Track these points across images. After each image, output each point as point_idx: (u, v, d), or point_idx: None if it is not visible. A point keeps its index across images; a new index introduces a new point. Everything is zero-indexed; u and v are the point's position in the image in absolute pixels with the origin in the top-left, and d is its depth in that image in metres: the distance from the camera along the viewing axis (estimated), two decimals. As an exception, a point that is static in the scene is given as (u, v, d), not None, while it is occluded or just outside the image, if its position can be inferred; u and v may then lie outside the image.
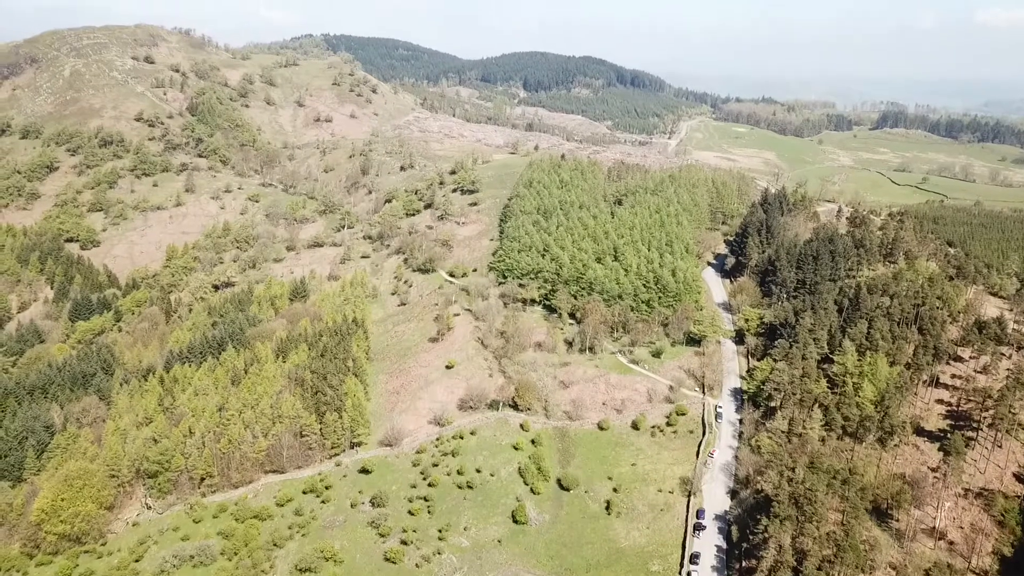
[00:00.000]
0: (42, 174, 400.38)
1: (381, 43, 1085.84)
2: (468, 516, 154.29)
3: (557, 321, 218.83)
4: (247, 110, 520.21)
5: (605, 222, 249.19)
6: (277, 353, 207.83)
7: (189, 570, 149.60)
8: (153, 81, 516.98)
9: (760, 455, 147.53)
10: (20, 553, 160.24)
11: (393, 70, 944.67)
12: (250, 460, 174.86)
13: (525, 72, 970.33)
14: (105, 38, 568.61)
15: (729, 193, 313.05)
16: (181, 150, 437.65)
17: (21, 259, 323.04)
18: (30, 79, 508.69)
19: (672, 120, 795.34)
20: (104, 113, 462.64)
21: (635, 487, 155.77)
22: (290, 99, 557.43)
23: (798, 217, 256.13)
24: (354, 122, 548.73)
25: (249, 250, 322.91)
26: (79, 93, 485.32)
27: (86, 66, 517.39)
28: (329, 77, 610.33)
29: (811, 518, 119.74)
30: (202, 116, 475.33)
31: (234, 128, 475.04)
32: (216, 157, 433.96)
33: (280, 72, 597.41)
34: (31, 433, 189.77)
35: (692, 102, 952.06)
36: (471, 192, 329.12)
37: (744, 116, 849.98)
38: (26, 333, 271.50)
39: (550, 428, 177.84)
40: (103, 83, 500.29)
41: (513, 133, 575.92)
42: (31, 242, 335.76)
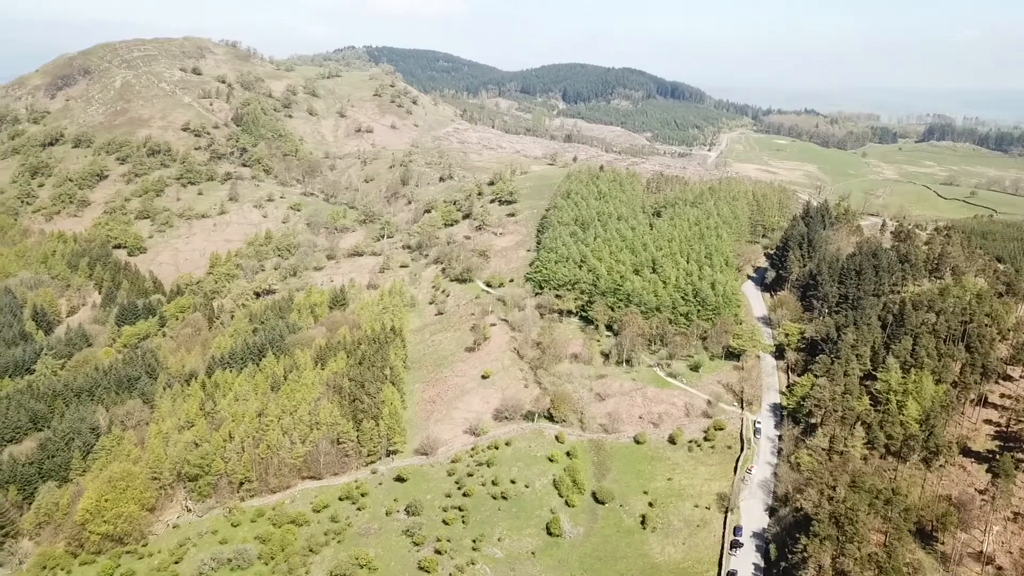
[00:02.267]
0: (93, 182, 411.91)
1: (422, 55, 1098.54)
2: (502, 527, 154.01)
3: (594, 333, 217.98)
4: (290, 120, 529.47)
5: (643, 234, 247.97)
6: (316, 360, 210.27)
7: (227, 573, 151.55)
8: (200, 92, 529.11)
9: (800, 472, 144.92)
10: (65, 552, 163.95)
11: (433, 82, 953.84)
12: (288, 466, 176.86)
13: (564, 83, 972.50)
14: (155, 50, 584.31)
15: (770, 206, 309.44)
16: (226, 159, 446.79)
17: (71, 265, 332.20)
18: (83, 90, 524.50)
19: (712, 132, 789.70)
20: (152, 123, 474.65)
21: (671, 502, 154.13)
22: (332, 110, 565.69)
23: (841, 231, 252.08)
24: (394, 133, 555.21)
25: (290, 258, 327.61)
26: (129, 104, 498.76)
27: (136, 77, 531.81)
28: (370, 88, 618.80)
29: (852, 538, 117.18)
30: (246, 126, 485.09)
31: (277, 138, 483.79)
32: (259, 166, 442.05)
33: (323, 83, 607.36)
34: (78, 434, 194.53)
35: (733, 114, 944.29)
36: (509, 203, 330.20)
37: (786, 128, 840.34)
38: (74, 337, 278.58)
39: (585, 440, 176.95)
40: (152, 94, 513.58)
41: (551, 144, 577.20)
42: (81, 248, 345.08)
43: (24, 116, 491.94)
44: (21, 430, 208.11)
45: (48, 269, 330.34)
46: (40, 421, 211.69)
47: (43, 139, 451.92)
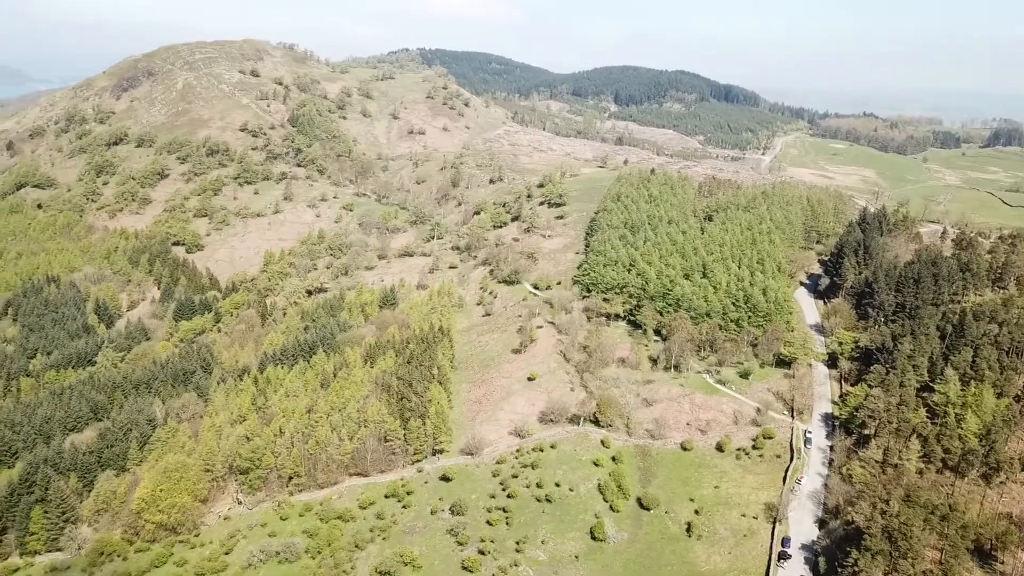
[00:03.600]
0: (154, 181, 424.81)
1: (474, 57, 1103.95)
2: (546, 530, 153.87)
3: (642, 337, 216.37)
4: (344, 122, 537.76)
5: (694, 238, 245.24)
6: (365, 358, 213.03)
7: (275, 566, 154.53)
8: (258, 93, 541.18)
9: (852, 484, 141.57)
10: (121, 539, 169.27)
11: (485, 84, 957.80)
12: (336, 462, 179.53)
13: (616, 86, 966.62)
14: (215, 52, 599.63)
15: (825, 211, 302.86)
16: (281, 159, 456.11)
17: (132, 260, 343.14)
18: (146, 91, 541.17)
19: (766, 136, 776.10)
20: (212, 124, 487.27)
21: (717, 510, 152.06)
22: (385, 112, 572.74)
23: (898, 238, 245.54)
24: (446, 135, 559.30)
25: (342, 257, 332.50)
26: (190, 104, 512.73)
27: (197, 79, 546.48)
28: (423, 90, 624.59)
29: (906, 554, 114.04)
30: (302, 127, 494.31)
31: (331, 139, 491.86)
32: (314, 167, 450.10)
33: (376, 85, 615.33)
34: (135, 426, 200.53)
35: (788, 117, 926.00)
36: (558, 205, 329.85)
37: (843, 132, 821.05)
38: (134, 331, 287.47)
39: (631, 446, 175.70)
40: (212, 95, 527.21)
41: (602, 147, 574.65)
42: (142, 245, 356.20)
43: (91, 116, 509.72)
44: (83, 420, 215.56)
45: (111, 265, 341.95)
46: (100, 412, 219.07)
47: (108, 139, 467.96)
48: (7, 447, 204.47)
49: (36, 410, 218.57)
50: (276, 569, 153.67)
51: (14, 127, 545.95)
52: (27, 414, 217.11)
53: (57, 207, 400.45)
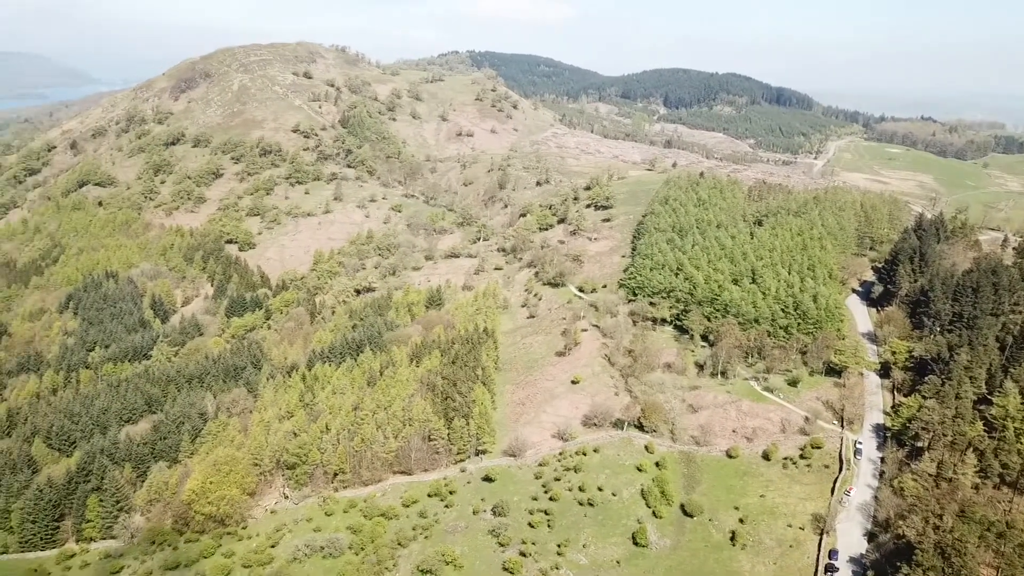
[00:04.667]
0: (209, 180, 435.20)
1: (523, 60, 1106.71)
2: (588, 534, 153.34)
3: (688, 343, 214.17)
4: (394, 123, 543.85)
5: (743, 243, 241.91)
6: (411, 358, 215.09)
7: (319, 560, 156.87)
8: (310, 95, 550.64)
9: (903, 498, 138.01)
10: (172, 529, 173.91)
11: (534, 86, 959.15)
12: (380, 460, 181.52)
13: (666, 89, 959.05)
14: (270, 55, 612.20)
15: (879, 217, 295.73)
16: (332, 160, 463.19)
17: (187, 258, 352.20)
18: (203, 92, 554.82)
19: (819, 139, 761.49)
20: (265, 125, 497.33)
21: (763, 520, 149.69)
22: (434, 113, 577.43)
23: (956, 245, 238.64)
24: (494, 137, 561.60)
25: (390, 258, 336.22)
26: (244, 106, 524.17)
27: (252, 81, 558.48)
28: (472, 93, 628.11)
29: (959, 572, 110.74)
30: (352, 128, 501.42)
31: (381, 140, 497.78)
32: (363, 168, 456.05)
33: (426, 87, 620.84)
34: (187, 419, 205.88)
35: (842, 121, 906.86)
36: (605, 208, 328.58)
37: (899, 136, 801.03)
38: (188, 326, 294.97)
39: (676, 452, 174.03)
40: (266, 97, 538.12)
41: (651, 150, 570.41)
42: (196, 242, 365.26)
43: (150, 117, 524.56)
44: (137, 412, 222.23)
45: (166, 261, 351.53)
46: (154, 404, 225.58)
47: (166, 139, 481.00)
48: (66, 436, 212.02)
49: (94, 401, 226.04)
50: (320, 564, 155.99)
51: (77, 127, 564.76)
52: (85, 405, 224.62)
53: (117, 205, 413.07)
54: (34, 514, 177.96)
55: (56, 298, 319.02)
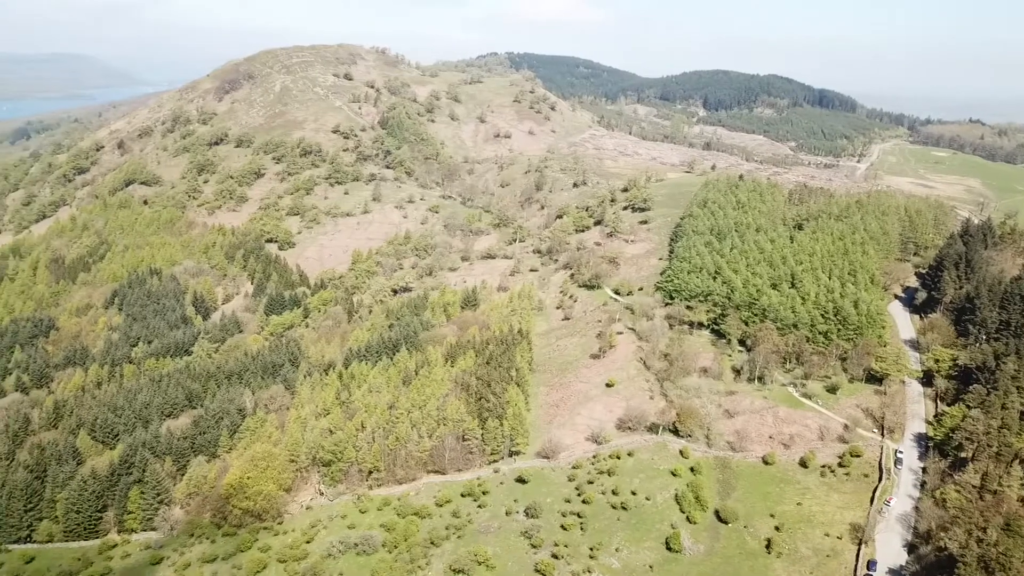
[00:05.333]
0: (251, 180, 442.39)
1: (562, 61, 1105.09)
2: (620, 537, 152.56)
3: (725, 347, 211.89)
4: (432, 125, 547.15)
5: (783, 247, 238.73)
6: (446, 357, 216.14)
7: (353, 557, 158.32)
8: (350, 96, 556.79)
9: (945, 509, 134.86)
10: (210, 522, 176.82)
11: (572, 88, 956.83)
12: (414, 459, 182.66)
13: (705, 91, 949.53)
14: (311, 57, 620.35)
15: (923, 222, 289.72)
16: (371, 161, 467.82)
17: (228, 256, 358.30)
18: (246, 93, 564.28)
19: (863, 142, 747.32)
20: (306, 125, 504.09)
21: (799, 528, 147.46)
22: (472, 115, 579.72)
23: (1005, 251, 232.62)
24: (532, 138, 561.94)
25: (427, 258, 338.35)
26: (286, 107, 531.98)
27: (293, 82, 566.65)
28: (510, 94, 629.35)
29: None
30: (391, 130, 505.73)
31: (419, 142, 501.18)
32: (402, 169, 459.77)
33: (464, 89, 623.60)
34: (226, 414, 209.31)
35: (886, 123, 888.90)
36: (642, 210, 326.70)
37: (946, 140, 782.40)
38: (228, 323, 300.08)
39: (711, 457, 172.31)
40: (307, 98, 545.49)
41: (689, 152, 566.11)
42: (237, 241, 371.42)
43: (195, 117, 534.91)
44: (178, 406, 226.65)
45: (208, 259, 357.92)
46: (195, 399, 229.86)
47: (210, 139, 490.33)
48: (110, 429, 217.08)
49: (137, 395, 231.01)
50: (354, 561, 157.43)
51: (125, 127, 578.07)
52: (128, 399, 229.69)
53: (161, 203, 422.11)
54: (78, 504, 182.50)
55: (102, 294, 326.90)
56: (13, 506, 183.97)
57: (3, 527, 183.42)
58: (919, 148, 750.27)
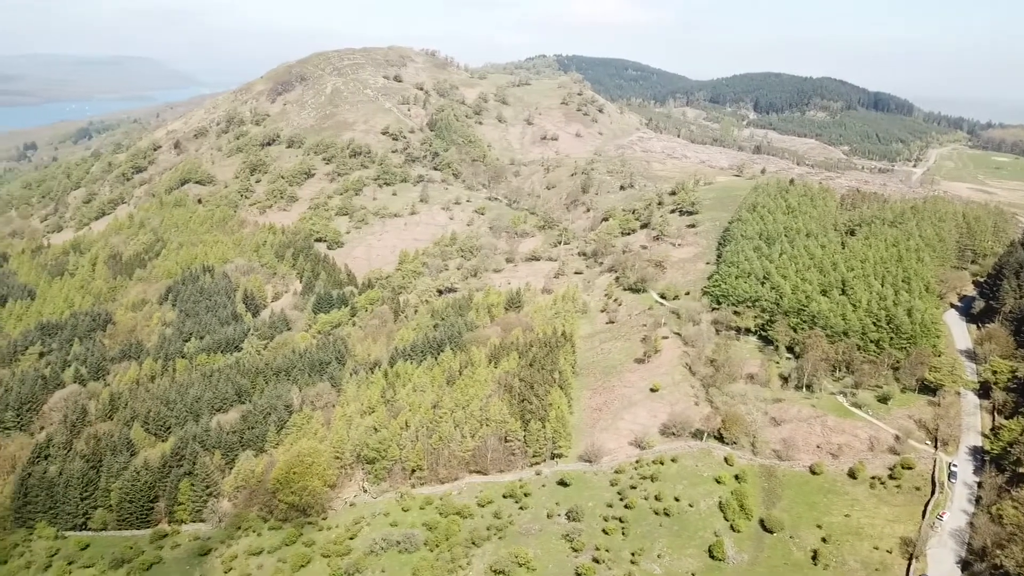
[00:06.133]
0: (301, 180, 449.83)
1: (611, 63, 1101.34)
2: (662, 544, 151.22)
3: (773, 354, 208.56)
4: (480, 127, 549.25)
5: (834, 252, 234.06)
6: (490, 358, 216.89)
7: (395, 554, 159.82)
8: (400, 98, 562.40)
9: (1001, 526, 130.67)
10: (257, 516, 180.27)
11: (621, 90, 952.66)
12: (457, 458, 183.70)
13: (756, 93, 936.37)
14: (362, 59, 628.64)
15: (982, 229, 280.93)
16: (419, 162, 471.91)
17: (278, 255, 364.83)
18: (298, 95, 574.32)
19: (919, 147, 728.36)
20: (356, 127, 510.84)
21: (847, 540, 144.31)
22: (520, 117, 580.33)
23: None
24: (578, 141, 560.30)
25: (472, 259, 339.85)
26: (337, 108, 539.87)
27: (344, 84, 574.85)
28: (558, 96, 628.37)
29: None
30: (439, 132, 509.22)
31: (467, 144, 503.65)
32: (449, 170, 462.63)
33: (512, 91, 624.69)
34: (274, 410, 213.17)
35: (944, 127, 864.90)
36: (690, 214, 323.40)
37: (1008, 144, 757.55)
38: (277, 321, 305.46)
39: (756, 465, 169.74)
40: (357, 100, 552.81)
41: (739, 155, 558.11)
42: (287, 240, 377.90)
43: (248, 118, 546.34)
44: (228, 401, 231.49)
45: (259, 257, 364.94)
46: (243, 395, 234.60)
47: (262, 139, 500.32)
48: (162, 422, 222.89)
49: (188, 390, 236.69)
50: (396, 558, 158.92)
51: (181, 127, 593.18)
52: (180, 393, 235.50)
53: (215, 202, 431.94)
54: (131, 494, 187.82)
55: (157, 290, 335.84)
56: (70, 494, 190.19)
57: (61, 514, 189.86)
58: (979, 153, 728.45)
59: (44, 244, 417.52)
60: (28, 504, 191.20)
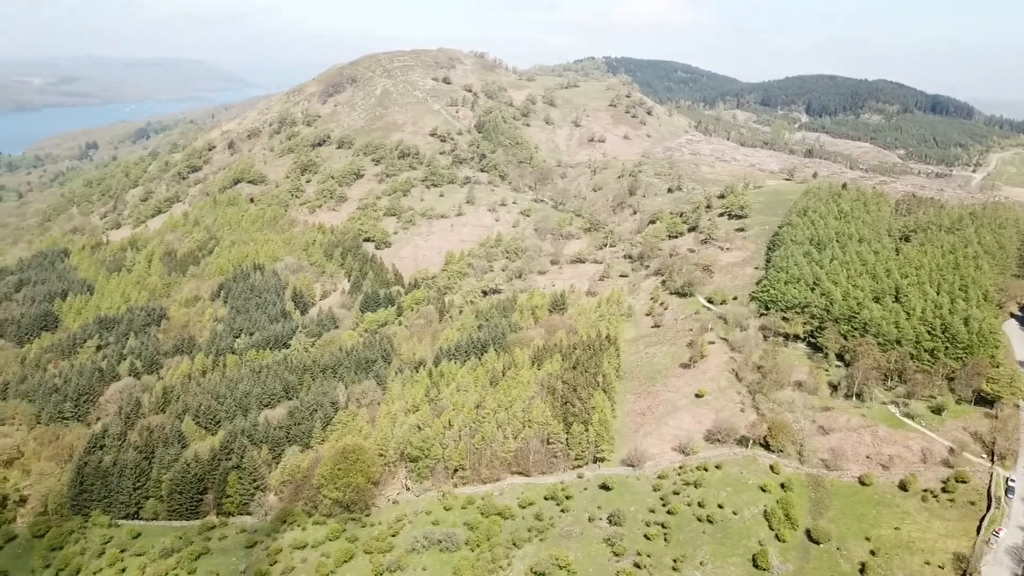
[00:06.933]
0: (350, 180, 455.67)
1: (660, 65, 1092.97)
2: (705, 551, 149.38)
3: (822, 361, 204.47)
4: (527, 129, 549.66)
5: (887, 259, 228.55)
6: (533, 360, 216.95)
7: (436, 553, 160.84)
8: (448, 100, 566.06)
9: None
10: (302, 511, 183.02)
11: (670, 92, 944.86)
12: (499, 459, 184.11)
13: (809, 96, 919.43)
14: (412, 61, 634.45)
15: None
16: (466, 164, 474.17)
17: (327, 254, 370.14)
18: (349, 97, 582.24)
19: (979, 151, 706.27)
20: (405, 128, 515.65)
21: (897, 553, 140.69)
22: (567, 119, 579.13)
23: None
24: (626, 143, 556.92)
25: (517, 261, 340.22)
26: (386, 110, 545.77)
27: (394, 86, 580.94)
28: (606, 98, 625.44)
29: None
30: (487, 133, 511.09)
31: (514, 145, 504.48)
32: (496, 172, 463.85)
33: (560, 93, 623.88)
34: (320, 407, 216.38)
35: (1007, 131, 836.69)
36: (738, 217, 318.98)
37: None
38: (325, 319, 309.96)
39: (803, 474, 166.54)
40: (406, 101, 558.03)
41: (790, 159, 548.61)
42: (336, 239, 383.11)
43: (300, 119, 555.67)
44: (276, 397, 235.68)
45: (308, 256, 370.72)
46: (291, 391, 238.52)
47: (313, 140, 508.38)
48: (212, 416, 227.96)
49: (238, 385, 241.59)
50: (437, 556, 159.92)
51: (235, 128, 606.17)
52: (230, 388, 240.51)
53: (266, 201, 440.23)
54: (181, 486, 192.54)
55: (209, 287, 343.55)
56: (124, 484, 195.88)
57: (114, 503, 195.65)
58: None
59: (103, 241, 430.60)
60: (84, 492, 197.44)
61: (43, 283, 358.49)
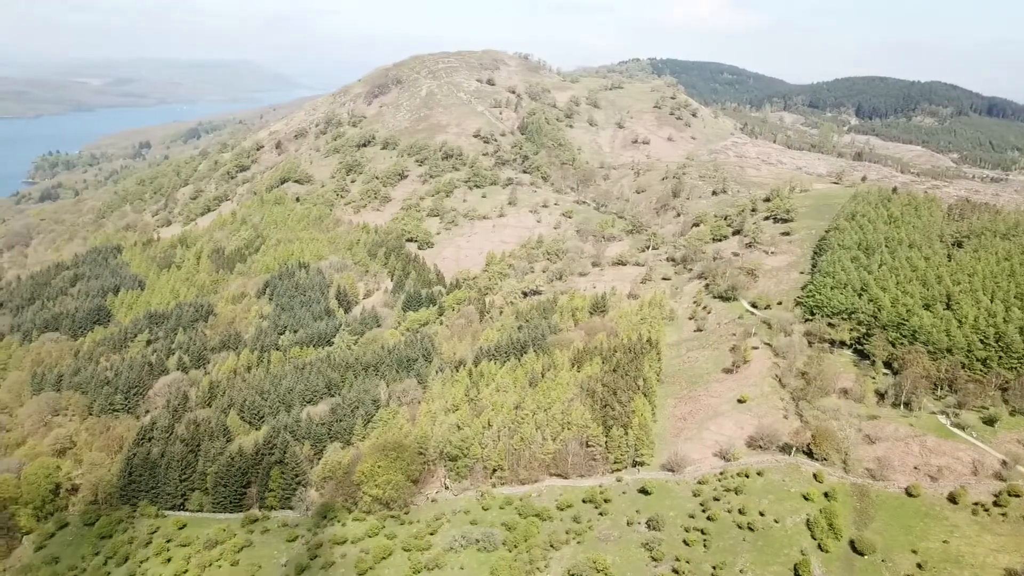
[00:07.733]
0: (394, 181, 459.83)
1: (705, 67, 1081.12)
2: (745, 559, 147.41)
3: (868, 368, 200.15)
4: (570, 130, 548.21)
5: (939, 265, 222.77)
6: (572, 362, 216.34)
7: (473, 552, 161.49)
8: (492, 101, 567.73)
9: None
10: (342, 507, 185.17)
11: (715, 94, 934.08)
12: (537, 460, 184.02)
13: (859, 98, 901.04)
14: (456, 62, 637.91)
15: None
16: (508, 165, 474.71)
17: (371, 253, 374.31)
18: (394, 98, 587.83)
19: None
20: (449, 129, 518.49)
21: (945, 567, 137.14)
22: (611, 121, 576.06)
23: None
24: (670, 145, 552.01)
25: (558, 263, 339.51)
26: (431, 111, 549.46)
27: (439, 87, 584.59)
28: (651, 100, 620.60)
29: None
30: (530, 135, 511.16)
31: (557, 147, 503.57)
32: (538, 174, 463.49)
33: (604, 95, 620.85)
34: (361, 404, 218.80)
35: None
36: (784, 221, 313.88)
37: None
38: (367, 317, 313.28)
39: (847, 483, 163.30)
40: (451, 103, 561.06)
41: (838, 162, 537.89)
42: (379, 239, 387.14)
43: (345, 120, 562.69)
44: (318, 394, 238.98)
45: (352, 255, 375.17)
46: (333, 388, 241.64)
47: (358, 141, 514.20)
48: (256, 411, 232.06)
49: (281, 381, 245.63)
50: (475, 556, 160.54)
51: (283, 128, 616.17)
52: (274, 384, 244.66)
53: (312, 201, 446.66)
54: (225, 479, 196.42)
55: (255, 284, 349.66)
56: (171, 475, 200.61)
57: (161, 494, 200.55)
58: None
59: (154, 237, 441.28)
60: (132, 483, 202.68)
61: (96, 278, 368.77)
